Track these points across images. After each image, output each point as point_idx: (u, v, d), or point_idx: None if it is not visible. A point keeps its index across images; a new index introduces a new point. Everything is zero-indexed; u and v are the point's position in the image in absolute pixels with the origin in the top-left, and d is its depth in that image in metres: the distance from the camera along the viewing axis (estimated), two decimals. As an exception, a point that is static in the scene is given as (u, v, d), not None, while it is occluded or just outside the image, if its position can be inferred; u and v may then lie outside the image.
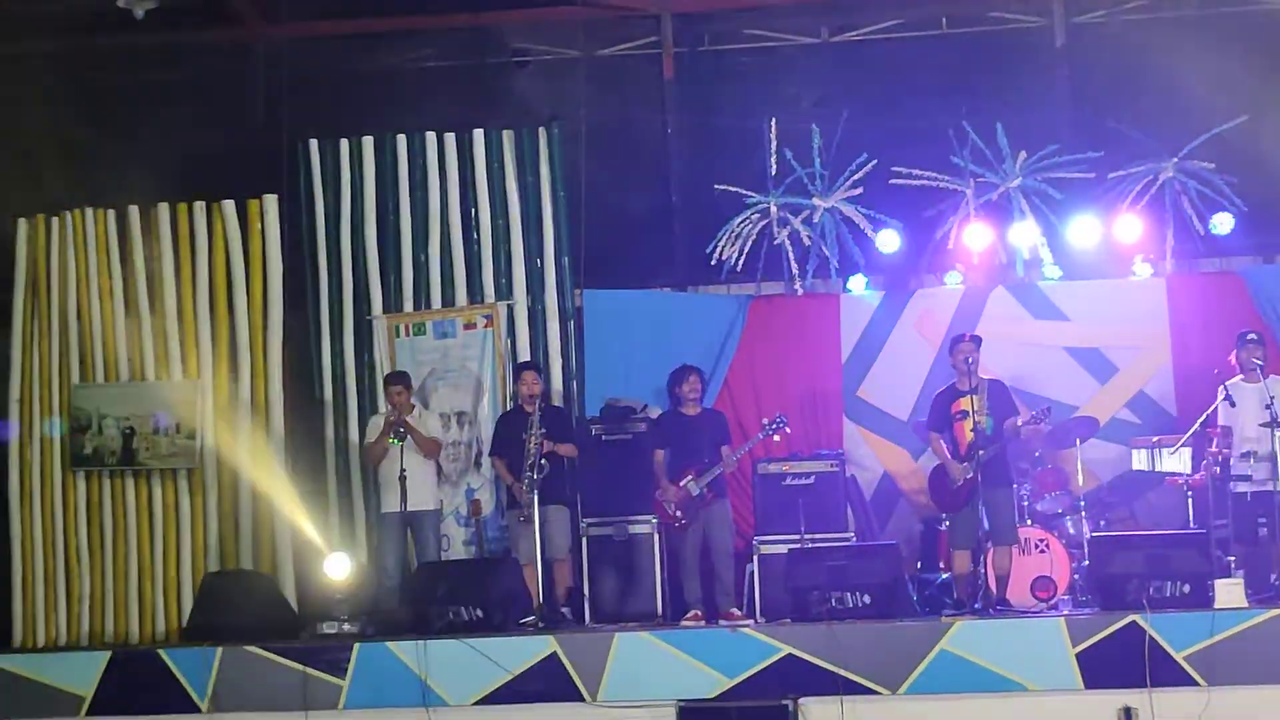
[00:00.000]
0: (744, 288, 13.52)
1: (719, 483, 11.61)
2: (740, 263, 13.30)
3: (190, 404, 12.97)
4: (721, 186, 13.33)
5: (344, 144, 13.52)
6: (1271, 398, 10.93)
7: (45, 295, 13.20)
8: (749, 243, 13.25)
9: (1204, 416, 11.18)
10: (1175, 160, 12.84)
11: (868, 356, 13.22)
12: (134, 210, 13.25)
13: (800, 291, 13.27)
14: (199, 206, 13.21)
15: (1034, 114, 13.51)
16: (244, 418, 12.96)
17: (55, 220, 13.29)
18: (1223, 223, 12.75)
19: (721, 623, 10.95)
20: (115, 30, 13.39)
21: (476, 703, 10.13)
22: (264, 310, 13.10)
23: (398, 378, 12.26)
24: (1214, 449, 11.14)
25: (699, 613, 11.31)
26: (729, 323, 13.22)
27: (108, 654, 10.72)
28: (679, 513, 11.49)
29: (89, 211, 13.28)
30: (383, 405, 13.03)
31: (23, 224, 13.33)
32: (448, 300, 13.37)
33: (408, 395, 12.11)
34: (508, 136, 13.41)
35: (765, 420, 11.80)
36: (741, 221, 13.27)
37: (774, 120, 13.25)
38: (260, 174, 13.36)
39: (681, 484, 11.51)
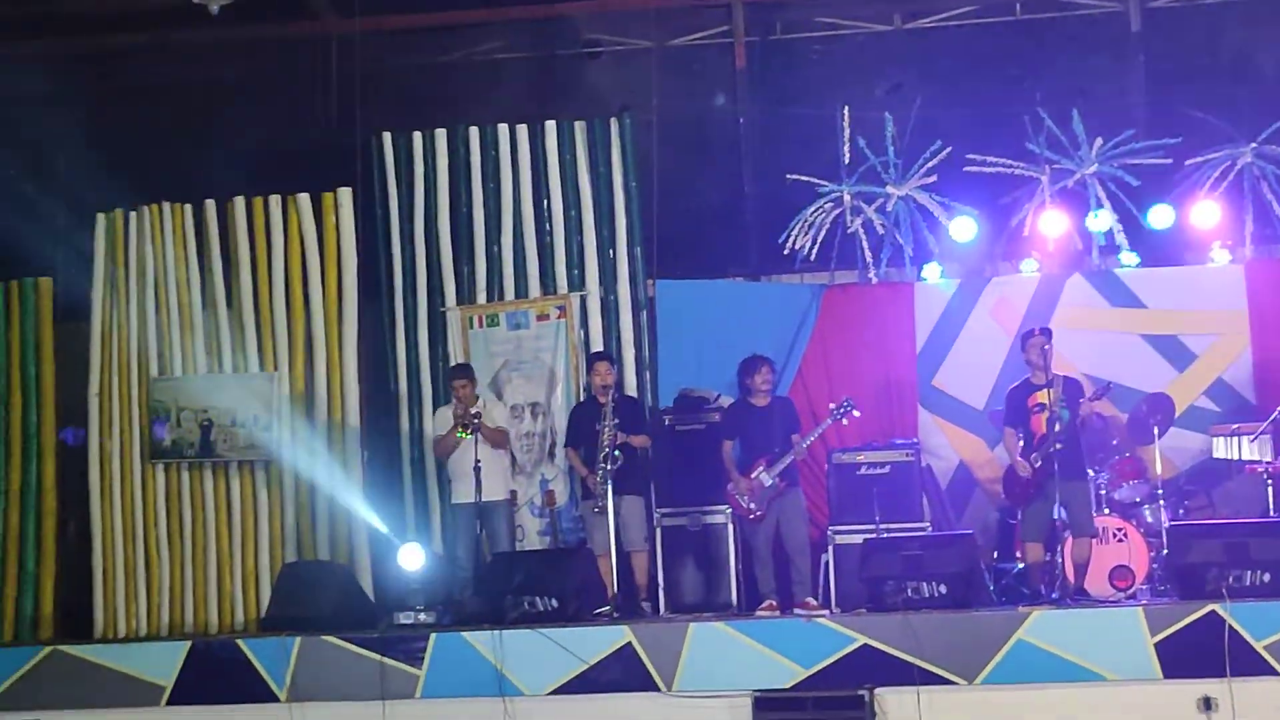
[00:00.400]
0: (817, 277, 13.48)
1: (791, 472, 11.58)
2: (813, 252, 13.28)
3: (267, 396, 13.06)
4: (794, 176, 13.30)
5: (417, 137, 13.57)
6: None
7: (124, 289, 13.33)
8: (822, 232, 13.23)
9: (1282, 406, 11.07)
10: (1253, 145, 12.72)
11: (943, 345, 13.15)
12: (210, 204, 13.34)
13: (874, 280, 13.23)
14: (274, 200, 13.28)
15: (1110, 100, 13.42)
16: (320, 410, 13.05)
17: (133, 215, 13.40)
18: (1299, 208, 12.62)
19: (797, 612, 10.92)
20: (191, 26, 13.49)
21: (552, 692, 10.16)
22: (339, 303, 13.17)
23: (461, 371, 12.30)
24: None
25: (774, 603, 11.30)
26: (802, 312, 13.18)
27: (187, 644, 10.83)
28: (752, 504, 11.48)
29: (166, 206, 13.38)
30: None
31: (101, 219, 13.46)
32: (521, 292, 13.40)
33: (472, 388, 12.14)
34: (580, 127, 13.42)
35: (832, 405, 11.74)
36: (814, 210, 13.25)
37: (847, 108, 13.22)
38: (335, 167, 13.43)
39: (753, 475, 11.49)
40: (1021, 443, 11.18)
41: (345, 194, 13.25)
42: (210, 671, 10.66)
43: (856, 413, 11.72)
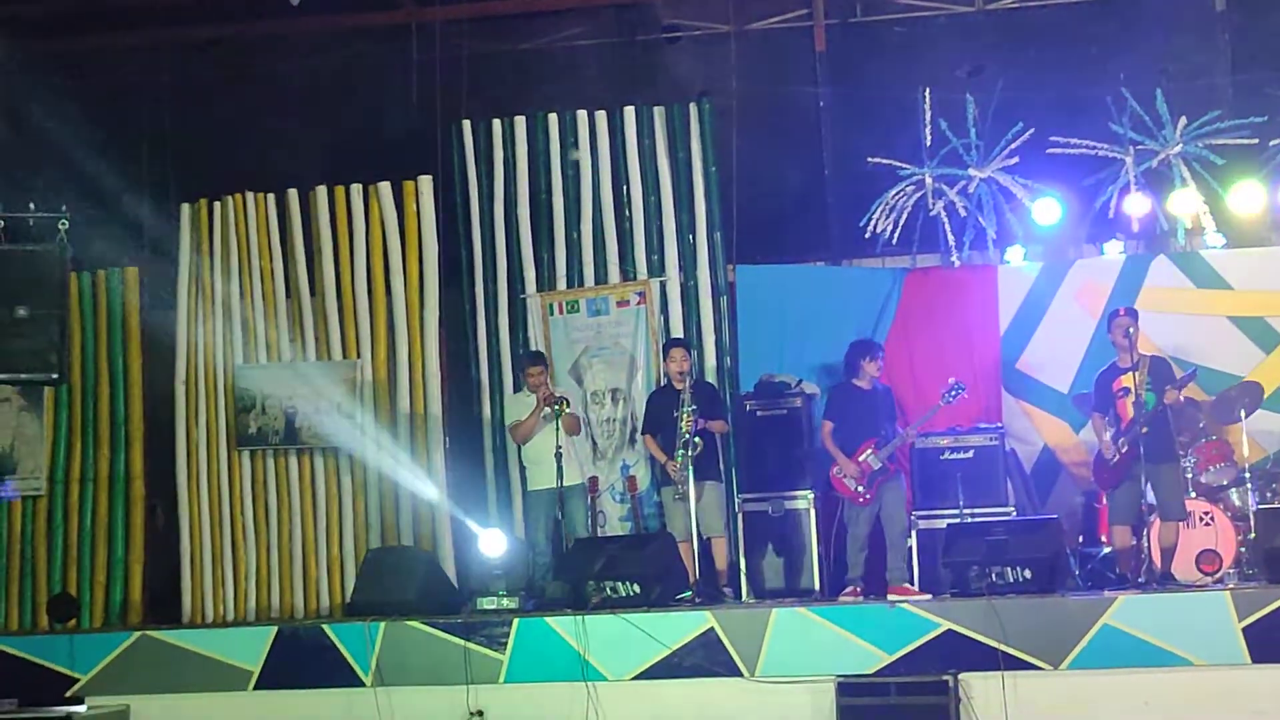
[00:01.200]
0: (899, 260, 13.42)
1: (896, 457, 11.56)
2: (895, 235, 13.22)
3: (350, 383, 13.15)
4: (875, 159, 13.23)
5: (496, 124, 13.62)
6: None
7: (209, 278, 13.46)
8: (904, 215, 13.16)
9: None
10: (1342, 122, 12.55)
11: (1027, 328, 13.05)
12: (293, 194, 13.45)
13: (957, 263, 13.15)
14: (356, 189, 13.37)
15: (1194, 80, 13.25)
16: (403, 397, 13.13)
17: (217, 205, 13.54)
18: (1391, 185, 12.43)
19: (891, 598, 10.84)
20: (272, 17, 13.61)
21: (635, 677, 10.17)
22: (420, 290, 13.24)
23: (535, 358, 12.29)
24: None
25: (858, 588, 11.26)
26: (884, 296, 13.12)
27: (274, 629, 10.90)
28: (859, 487, 11.44)
29: (249, 195, 13.51)
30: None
31: (185, 209, 13.61)
32: (600, 278, 13.42)
33: (545, 375, 12.16)
34: (659, 113, 13.43)
35: (943, 390, 11.66)
36: (896, 194, 13.19)
37: (928, 90, 13.15)
38: (415, 156, 13.51)
39: (861, 458, 11.45)
40: (1110, 429, 11.07)
41: (426, 182, 13.32)
42: (296, 656, 10.74)
43: (965, 395, 11.66)
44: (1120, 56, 13.21)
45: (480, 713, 10.31)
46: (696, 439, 11.35)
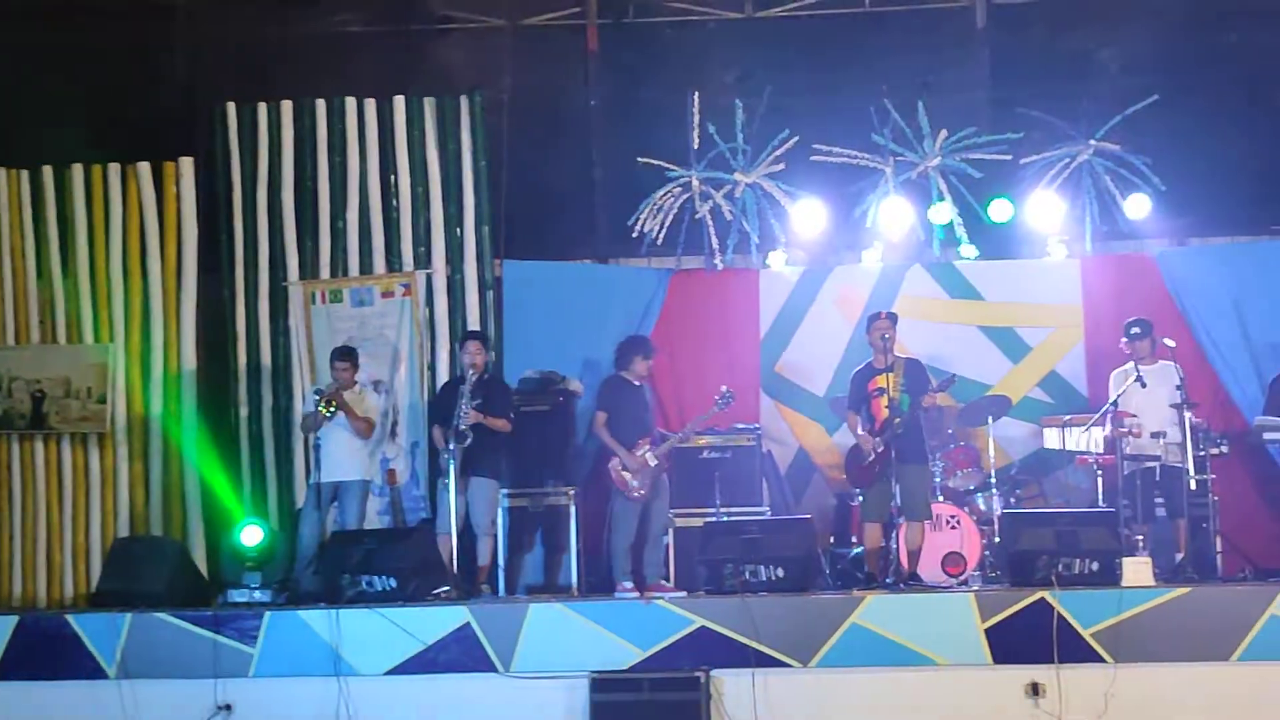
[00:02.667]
0: (664, 261, 13.52)
1: (666, 455, 11.67)
2: (661, 236, 13.30)
3: (101, 368, 12.83)
4: (644, 159, 13.31)
5: (262, 108, 13.42)
6: (1182, 379, 11.12)
7: (-44, 255, 13.04)
8: (670, 216, 13.26)
9: (1115, 397, 11.31)
10: (1092, 143, 12.95)
11: (786, 332, 13.28)
12: (48, 171, 13.09)
13: (720, 266, 13.30)
14: (114, 169, 13.09)
15: (954, 94, 13.58)
16: (156, 383, 12.85)
17: (-35, 179, 13.12)
18: (1138, 205, 12.88)
19: (650, 594, 10.91)
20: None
21: (388, 672, 10.08)
22: (178, 275, 13.01)
23: (344, 353, 12.06)
24: (1121, 430, 11.28)
25: (632, 584, 11.32)
26: (649, 296, 13.23)
27: (15, 619, 10.56)
28: (636, 482, 11.48)
29: (1, 172, 13.09)
30: (298, 372, 13.00)
31: (-66, 183, 13.16)
32: (365, 268, 13.30)
33: (352, 371, 11.99)
34: (429, 104, 13.36)
35: (717, 396, 11.75)
36: (663, 195, 13.28)
37: (697, 94, 13.26)
38: (177, 137, 13.23)
39: (639, 454, 11.51)
40: (864, 428, 11.28)
41: (187, 164, 13.11)
42: (38, 647, 10.40)
43: (734, 403, 11.76)
44: (884, 69, 13.49)
45: (228, 707, 10.11)
46: (467, 431, 11.27)
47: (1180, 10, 13.57)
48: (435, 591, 10.77)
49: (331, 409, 11.59)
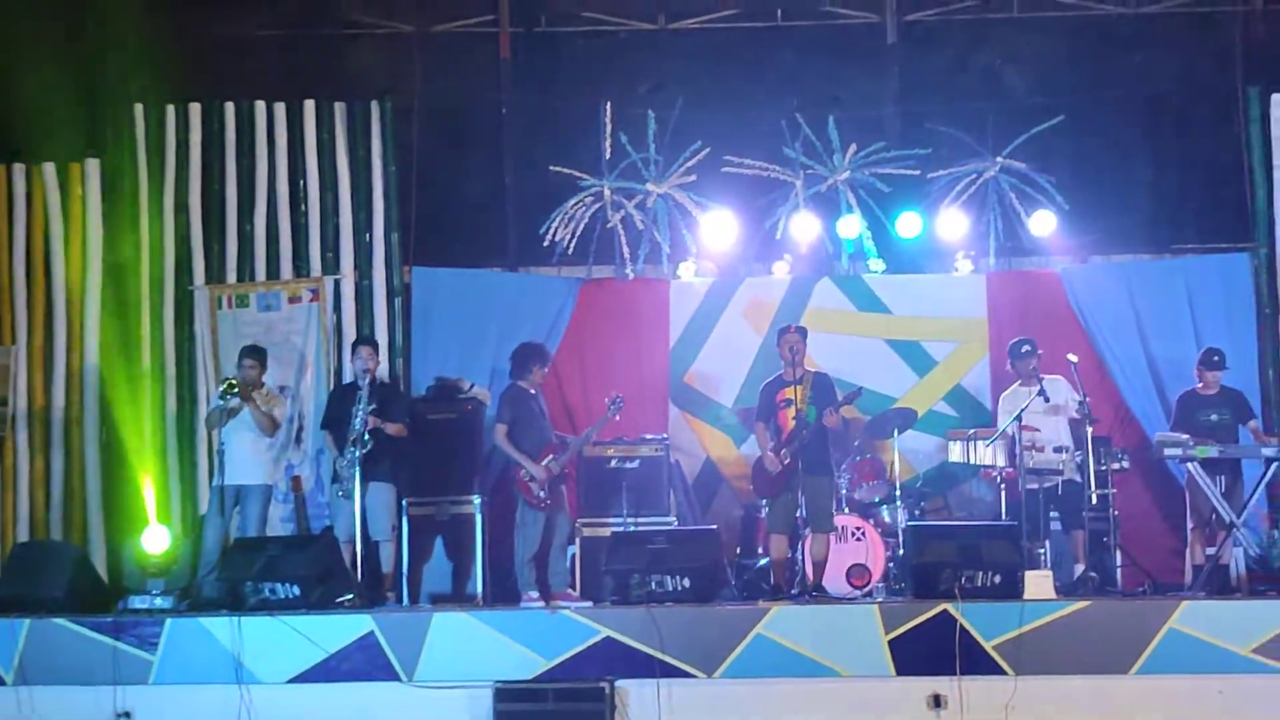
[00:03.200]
0: (575, 270, 13.53)
1: (569, 463, 11.71)
2: (572, 245, 13.30)
3: (3, 370, 12.66)
4: (556, 168, 13.31)
5: (170, 110, 13.30)
6: (1085, 395, 11.27)
7: None
8: (581, 225, 13.27)
9: (1019, 412, 11.43)
10: (999, 160, 13.09)
11: (695, 343, 13.33)
12: (-52, 170, 12.92)
13: (631, 276, 13.32)
14: (18, 169, 12.94)
15: (865, 109, 13.70)
16: (59, 386, 12.69)
17: None
18: (1042, 222, 13.04)
19: (556, 604, 10.91)
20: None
21: (290, 681, 10.01)
22: (83, 276, 12.85)
23: (252, 351, 11.95)
24: (1026, 443, 11.40)
25: (537, 594, 11.31)
26: (559, 305, 13.23)
27: (-92, 624, 10.42)
28: (543, 492, 11.48)
29: (-100, 170, 12.94)
30: (202, 376, 12.91)
31: None
32: (273, 273, 13.21)
33: (260, 371, 11.88)
34: (339, 109, 13.30)
35: (608, 400, 11.80)
36: (575, 204, 13.28)
37: (609, 104, 13.28)
38: (83, 137, 13.08)
39: (544, 463, 11.50)
40: (771, 439, 11.33)
41: (93, 165, 12.97)
42: (-67, 653, 10.27)
43: (623, 406, 11.80)
44: (796, 83, 13.59)
45: (127, 714, 10.00)
46: (367, 437, 11.23)
47: (1087, 31, 13.81)
48: (339, 599, 10.71)
49: (234, 392, 11.45)
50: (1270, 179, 13.06)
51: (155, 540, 11.69)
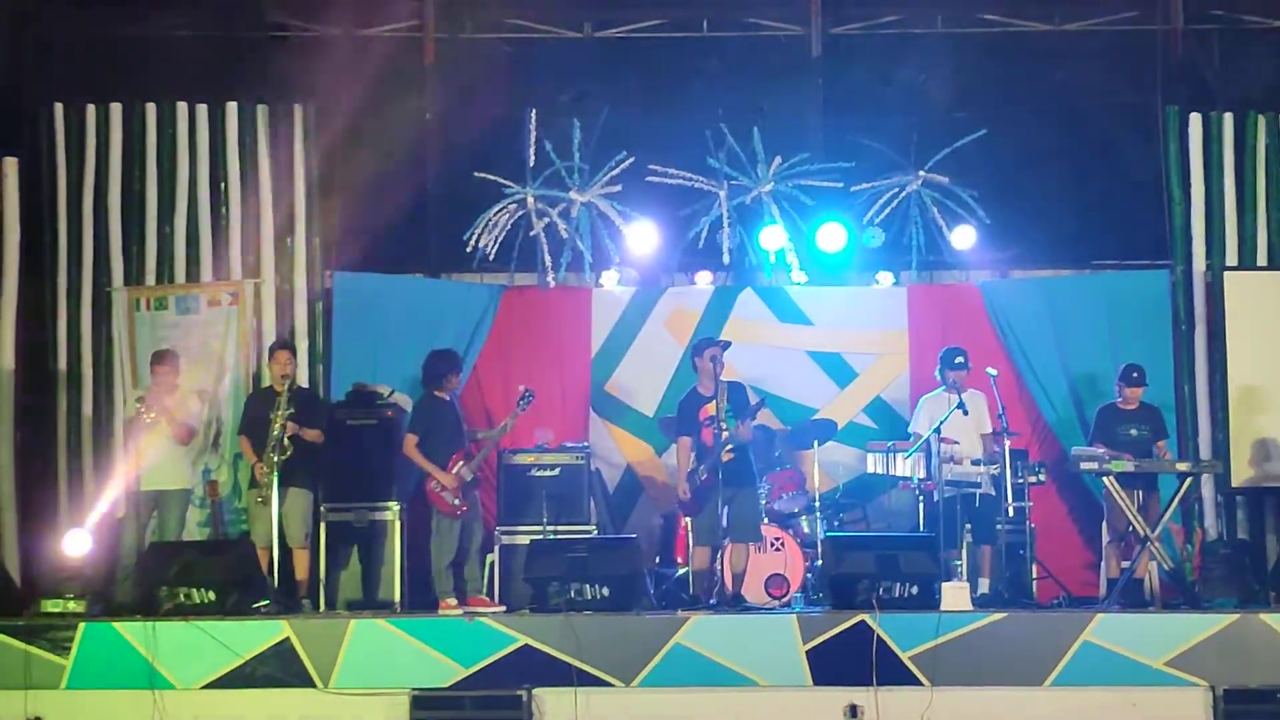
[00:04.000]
0: (497, 277, 13.50)
1: (482, 468, 11.67)
2: (495, 252, 13.27)
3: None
4: (480, 175, 13.27)
5: (90, 109, 13.18)
6: (1003, 409, 11.36)
7: None
8: (504, 233, 13.24)
9: (938, 424, 11.50)
10: (921, 174, 13.17)
11: (617, 351, 13.34)
12: None
13: (553, 284, 13.30)
14: (-68, 167, 12.75)
15: (789, 121, 13.74)
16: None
17: None
18: (964, 237, 13.14)
19: (473, 612, 10.87)
20: None
21: (205, 686, 9.93)
22: (-1, 276, 12.71)
23: (162, 357, 11.85)
24: (944, 456, 11.48)
25: (455, 601, 11.27)
26: (481, 312, 13.21)
27: None
28: (456, 500, 11.45)
29: None
30: (119, 379, 12.78)
31: None
32: (192, 276, 13.11)
33: (174, 376, 11.79)
34: (262, 111, 13.23)
35: (517, 398, 11.78)
36: (498, 211, 13.25)
37: (534, 112, 13.25)
38: (1, 137, 12.91)
39: (454, 471, 11.46)
40: (694, 453, 11.31)
41: (10, 164, 12.84)
42: None
43: (534, 400, 11.79)
44: (720, 93, 13.63)
45: (38, 719, 9.89)
46: (286, 443, 11.16)
47: (1010, 47, 13.94)
48: (255, 605, 10.64)
49: (150, 416, 11.40)
50: (1188, 197, 13.23)
51: (75, 544, 11.56)
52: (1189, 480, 11.51)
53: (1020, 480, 11.69)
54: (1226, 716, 9.60)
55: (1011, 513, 11.41)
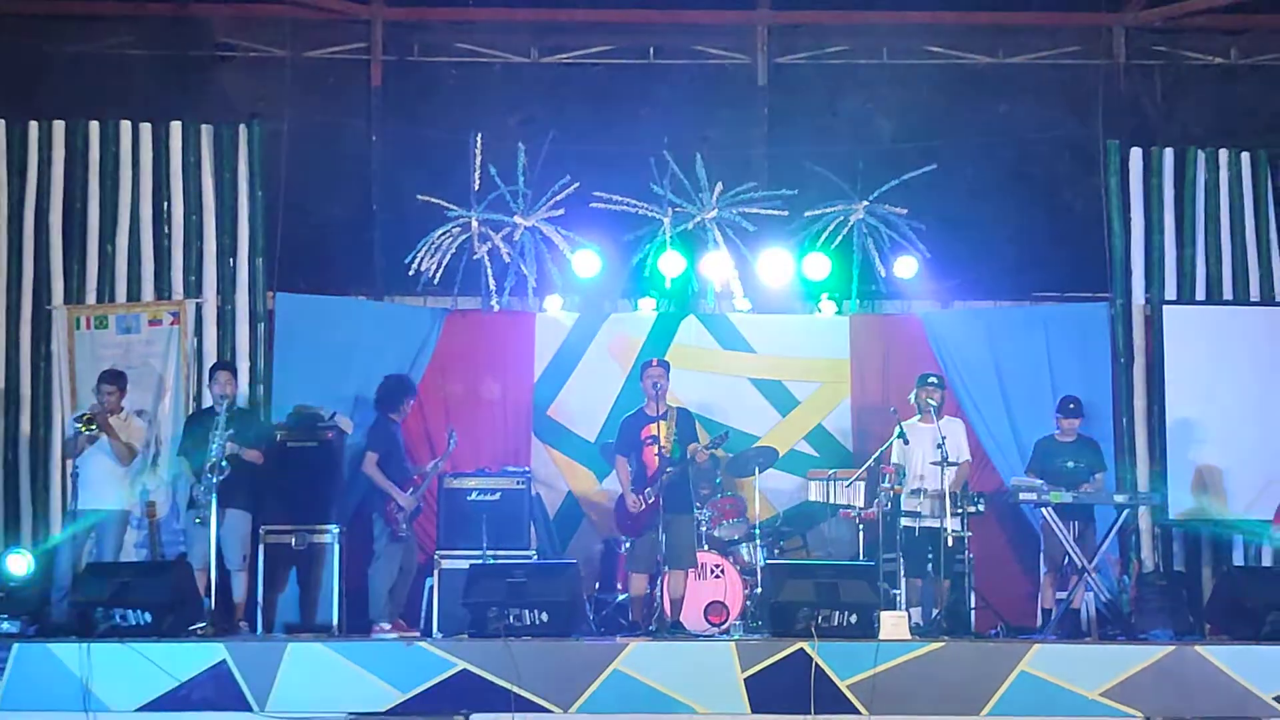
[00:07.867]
0: (440, 300, 13.49)
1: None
2: (438, 275, 13.24)
3: None
4: (424, 198, 13.25)
5: (33, 126, 13.09)
6: (944, 438, 11.39)
7: None
8: (448, 256, 13.21)
9: (879, 452, 11.55)
10: (865, 203, 13.23)
11: (559, 377, 13.33)
12: None
13: (496, 308, 13.28)
14: None
15: (733, 149, 13.82)
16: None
17: None
18: (906, 267, 13.21)
19: (410, 636, 10.82)
20: None
21: (140, 709, 9.83)
22: (-62, 293, 12.60)
23: (111, 377, 11.77)
24: (885, 485, 11.53)
25: (402, 623, 11.27)
26: (424, 335, 13.18)
27: None
28: (406, 524, 11.58)
29: None
30: (58, 399, 12.68)
31: None
32: (134, 295, 13.02)
33: (119, 396, 11.71)
34: (206, 131, 13.17)
35: (446, 436, 11.92)
36: (442, 234, 13.22)
37: (479, 135, 13.24)
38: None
39: (408, 493, 11.56)
40: (632, 473, 11.35)
41: (-50, 180, 12.69)
42: None
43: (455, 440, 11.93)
44: (666, 120, 13.66)
45: (-32, 741, 9.81)
46: (225, 464, 11.10)
47: (954, 79, 14.05)
48: (191, 627, 10.57)
49: (92, 428, 11.32)
50: (1128, 231, 13.36)
51: (16, 565, 11.45)
52: (1126, 512, 11.59)
53: (959, 511, 11.73)
54: (1161, 747, 9.68)
55: (951, 542, 11.45)
